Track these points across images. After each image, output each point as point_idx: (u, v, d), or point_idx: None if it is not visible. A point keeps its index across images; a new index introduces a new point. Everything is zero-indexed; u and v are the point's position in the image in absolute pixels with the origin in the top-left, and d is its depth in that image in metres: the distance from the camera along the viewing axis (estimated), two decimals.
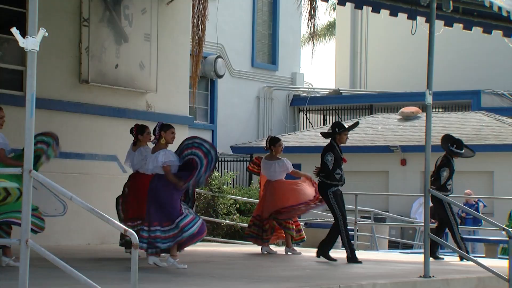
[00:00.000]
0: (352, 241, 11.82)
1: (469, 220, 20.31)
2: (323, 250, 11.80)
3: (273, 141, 12.99)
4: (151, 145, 10.60)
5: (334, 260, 11.62)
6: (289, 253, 13.09)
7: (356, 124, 12.43)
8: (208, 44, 24.90)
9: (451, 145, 13.07)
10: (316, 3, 16.47)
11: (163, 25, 15.28)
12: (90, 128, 14.16)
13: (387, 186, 25.08)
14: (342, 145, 11.75)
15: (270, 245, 13.30)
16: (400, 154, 24.95)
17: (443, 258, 13.12)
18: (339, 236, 11.73)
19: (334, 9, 41.08)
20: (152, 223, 9.80)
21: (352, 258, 11.54)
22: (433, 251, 12.79)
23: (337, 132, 11.66)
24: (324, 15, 43.13)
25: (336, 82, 36.36)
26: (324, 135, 11.94)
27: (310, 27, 16.64)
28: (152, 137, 10.60)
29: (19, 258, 6.12)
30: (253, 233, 13.07)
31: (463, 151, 13.14)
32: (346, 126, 11.83)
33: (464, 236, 19.56)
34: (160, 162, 9.87)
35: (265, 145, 13.13)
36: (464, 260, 12.54)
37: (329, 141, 11.77)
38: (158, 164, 9.89)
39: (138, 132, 11.25)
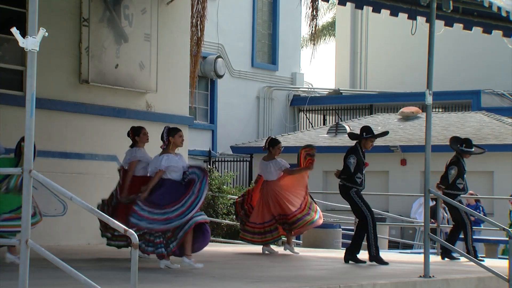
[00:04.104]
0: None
1: None
2: (352, 254, 11.52)
3: (273, 143, 13.05)
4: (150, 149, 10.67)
5: (363, 262, 11.37)
6: (287, 250, 13.14)
7: (385, 133, 12.11)
8: (208, 44, 24.93)
9: (461, 145, 13.12)
10: (318, 3, 16.50)
11: (163, 25, 15.28)
12: (90, 128, 14.16)
13: (387, 186, 25.07)
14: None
15: (271, 245, 13.32)
16: (400, 154, 24.94)
17: (459, 259, 12.98)
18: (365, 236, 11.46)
19: (331, 9, 41.13)
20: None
21: (376, 258, 11.32)
22: (447, 251, 12.82)
23: (364, 136, 11.57)
24: (325, 14, 43.10)
25: (336, 82, 36.36)
26: (351, 136, 11.89)
27: (312, 28, 16.67)
28: (147, 140, 11.17)
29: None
30: (247, 239, 13.16)
31: (473, 149, 13.19)
32: (375, 133, 11.72)
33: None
34: (163, 166, 9.85)
35: (264, 145, 13.17)
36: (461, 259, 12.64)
37: (354, 144, 11.63)
38: (160, 167, 9.87)
39: (134, 134, 11.36)
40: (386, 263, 11.24)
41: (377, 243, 11.38)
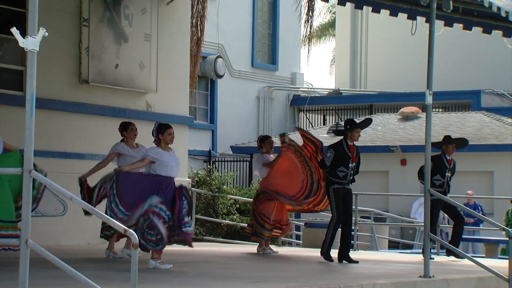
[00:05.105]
0: (333, 243, 11.71)
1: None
2: (343, 254, 11.64)
3: (263, 139, 13.15)
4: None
5: (356, 262, 11.49)
6: (261, 252, 13.13)
7: (367, 121, 12.09)
8: (208, 44, 24.93)
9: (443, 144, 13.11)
10: (314, 4, 16.52)
11: (163, 25, 15.28)
12: (90, 128, 14.16)
13: (387, 186, 25.07)
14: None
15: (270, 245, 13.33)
16: (400, 154, 24.94)
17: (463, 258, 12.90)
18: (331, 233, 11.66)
19: (330, 11, 41.13)
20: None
21: (325, 254, 11.57)
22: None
23: (348, 129, 11.62)
24: (325, 16, 43.10)
25: (336, 82, 36.36)
26: (336, 132, 12.02)
27: (307, 28, 16.73)
28: (134, 135, 11.35)
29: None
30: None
31: (453, 143, 13.10)
32: (360, 125, 11.76)
33: (465, 236, 19.63)
34: (149, 156, 9.78)
35: (257, 146, 13.25)
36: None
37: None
38: (146, 156, 9.83)
39: (123, 129, 11.46)
40: (332, 260, 11.49)
41: (332, 243, 11.60)
